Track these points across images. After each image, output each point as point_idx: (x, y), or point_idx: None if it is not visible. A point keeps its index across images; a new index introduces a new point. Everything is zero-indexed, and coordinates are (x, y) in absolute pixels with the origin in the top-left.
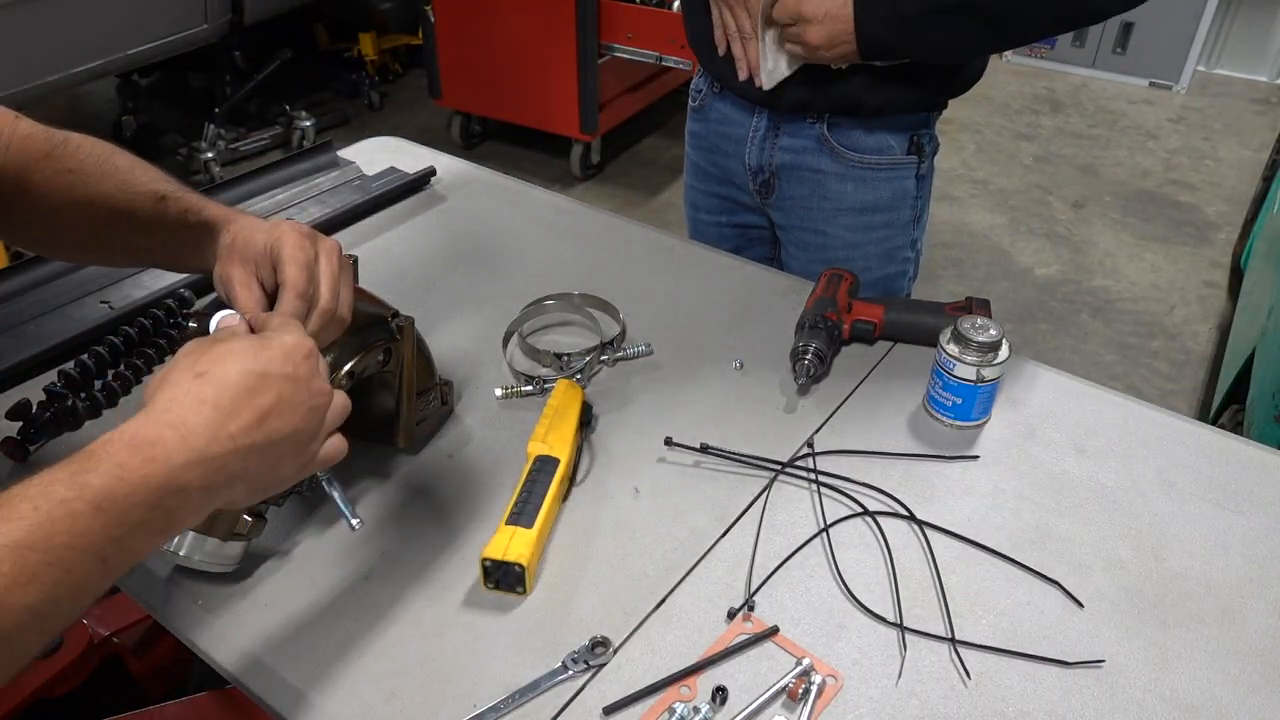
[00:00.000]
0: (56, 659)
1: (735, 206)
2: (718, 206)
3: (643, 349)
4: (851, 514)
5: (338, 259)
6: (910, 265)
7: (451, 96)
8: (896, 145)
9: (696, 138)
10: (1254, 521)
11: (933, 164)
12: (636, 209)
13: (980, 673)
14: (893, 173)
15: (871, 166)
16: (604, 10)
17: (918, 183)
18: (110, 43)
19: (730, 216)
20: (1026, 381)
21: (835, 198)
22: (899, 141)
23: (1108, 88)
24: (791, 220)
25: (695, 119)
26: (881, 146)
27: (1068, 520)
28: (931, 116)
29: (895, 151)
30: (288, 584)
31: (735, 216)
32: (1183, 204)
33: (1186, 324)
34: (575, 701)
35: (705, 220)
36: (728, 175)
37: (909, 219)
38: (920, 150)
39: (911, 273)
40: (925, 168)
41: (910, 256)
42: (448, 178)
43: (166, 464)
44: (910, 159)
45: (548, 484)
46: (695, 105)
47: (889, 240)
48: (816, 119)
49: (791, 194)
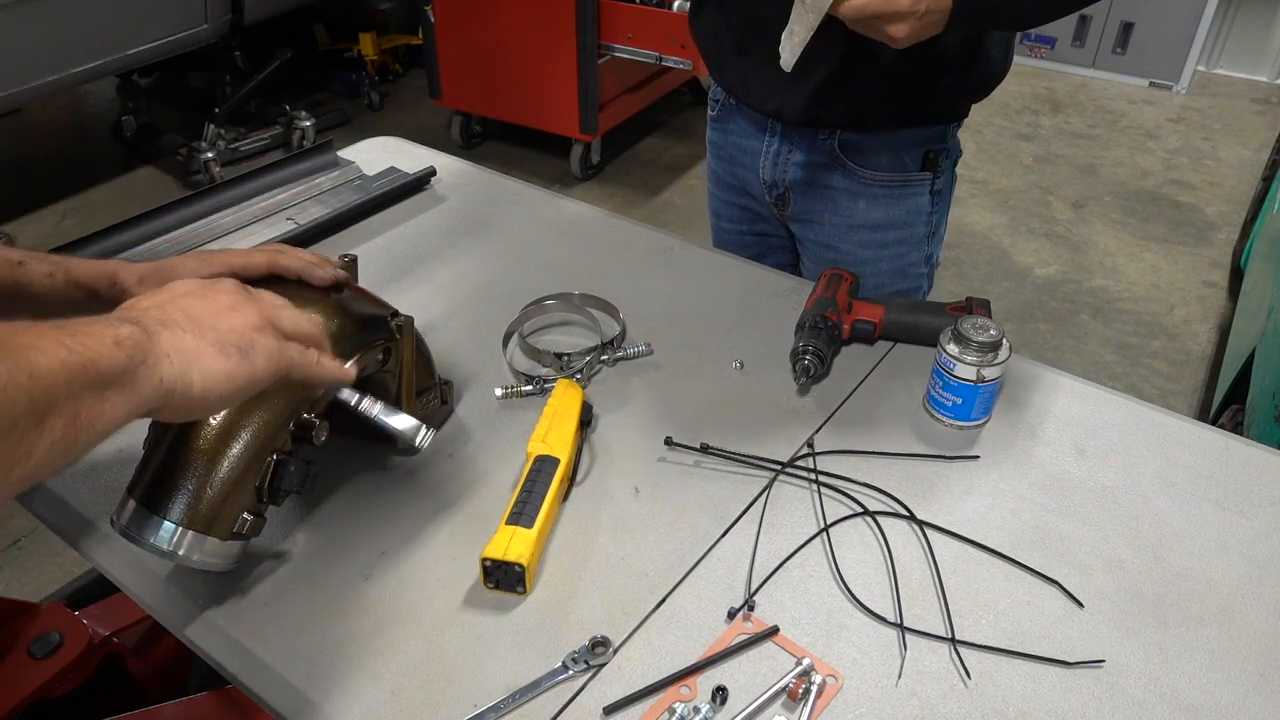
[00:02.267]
0: (56, 659)
1: (755, 216)
2: (738, 215)
3: (643, 349)
4: (851, 514)
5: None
6: (925, 280)
7: (451, 96)
8: (910, 162)
9: (716, 147)
10: (1254, 521)
11: (953, 175)
12: (636, 209)
13: (980, 673)
14: (906, 190)
15: (883, 184)
16: (604, 10)
17: (932, 199)
18: (110, 43)
19: (751, 225)
20: (1026, 381)
21: (847, 214)
22: (912, 158)
23: (1108, 88)
24: (806, 234)
25: (714, 128)
26: (894, 163)
27: (1068, 520)
28: (948, 130)
29: (909, 168)
30: (288, 584)
31: (756, 225)
32: (1183, 204)
33: (1186, 324)
34: (575, 701)
35: (727, 228)
36: (745, 186)
37: (923, 235)
38: (935, 166)
39: (926, 287)
40: (941, 183)
41: (924, 272)
42: (448, 178)
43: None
44: (924, 176)
45: (548, 484)
46: (714, 115)
47: (902, 257)
48: (828, 134)
49: (805, 208)
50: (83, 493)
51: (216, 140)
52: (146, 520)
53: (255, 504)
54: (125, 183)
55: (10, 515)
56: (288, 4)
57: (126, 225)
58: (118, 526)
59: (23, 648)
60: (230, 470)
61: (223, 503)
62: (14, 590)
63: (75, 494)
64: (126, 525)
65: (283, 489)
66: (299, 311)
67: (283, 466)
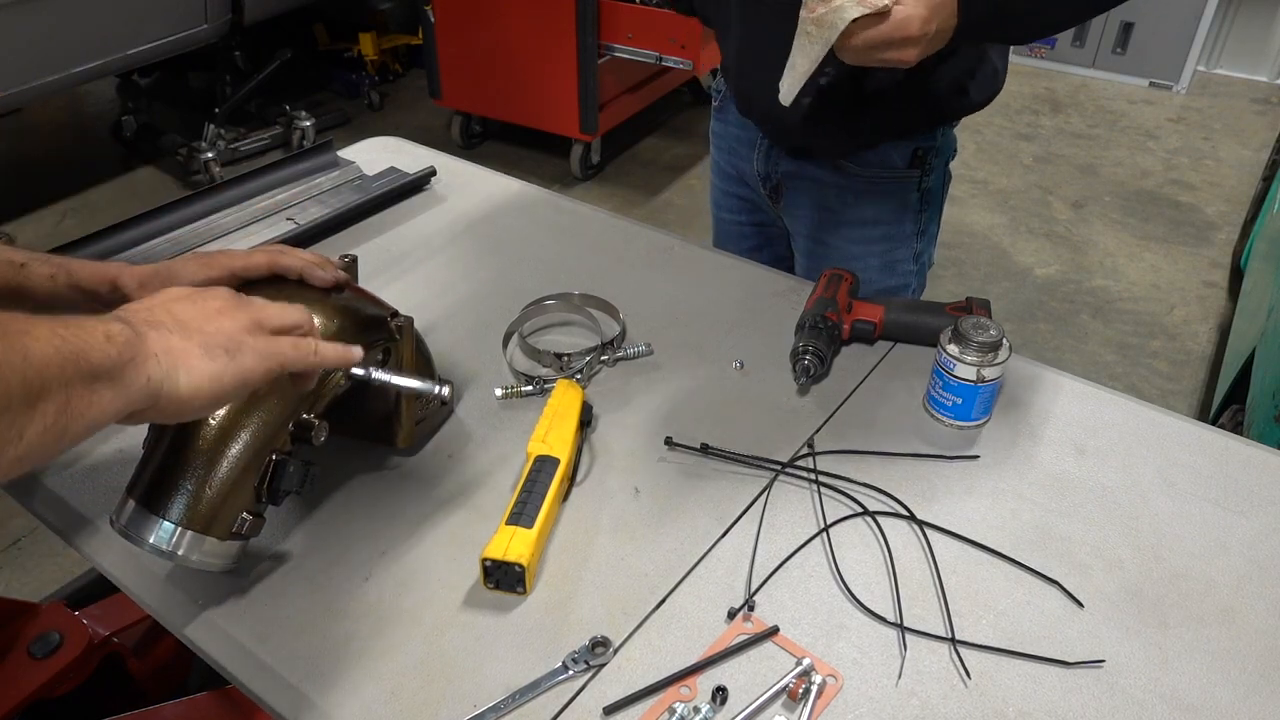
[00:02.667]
0: (56, 659)
1: (753, 207)
2: (737, 206)
3: (643, 349)
4: (851, 514)
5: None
6: (913, 278)
7: (451, 96)
8: (898, 158)
9: (717, 137)
10: (1254, 521)
11: (946, 172)
12: (636, 209)
13: (980, 673)
14: (893, 186)
15: (870, 179)
16: (604, 10)
17: (920, 196)
18: (110, 43)
19: (750, 216)
20: (1026, 381)
21: (836, 209)
22: (900, 155)
23: (1108, 88)
24: (798, 227)
25: (716, 118)
26: (882, 160)
27: (1068, 520)
28: (940, 129)
29: (895, 165)
30: (288, 584)
31: (754, 216)
32: (1183, 204)
33: (1186, 324)
34: (575, 701)
35: (727, 219)
36: (743, 177)
37: (911, 233)
38: (924, 164)
39: (915, 285)
40: (931, 181)
41: (913, 270)
42: (448, 178)
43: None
44: (912, 173)
45: (548, 484)
46: (716, 105)
47: (889, 253)
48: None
49: (797, 202)
50: (83, 493)
51: (216, 140)
52: (146, 520)
53: (254, 504)
54: (125, 183)
55: (10, 515)
56: (288, 4)
57: (126, 225)
58: (117, 526)
59: (23, 648)
60: (229, 470)
61: (222, 503)
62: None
63: (75, 494)
64: (126, 525)
65: (282, 489)
66: (282, 304)
67: (282, 467)
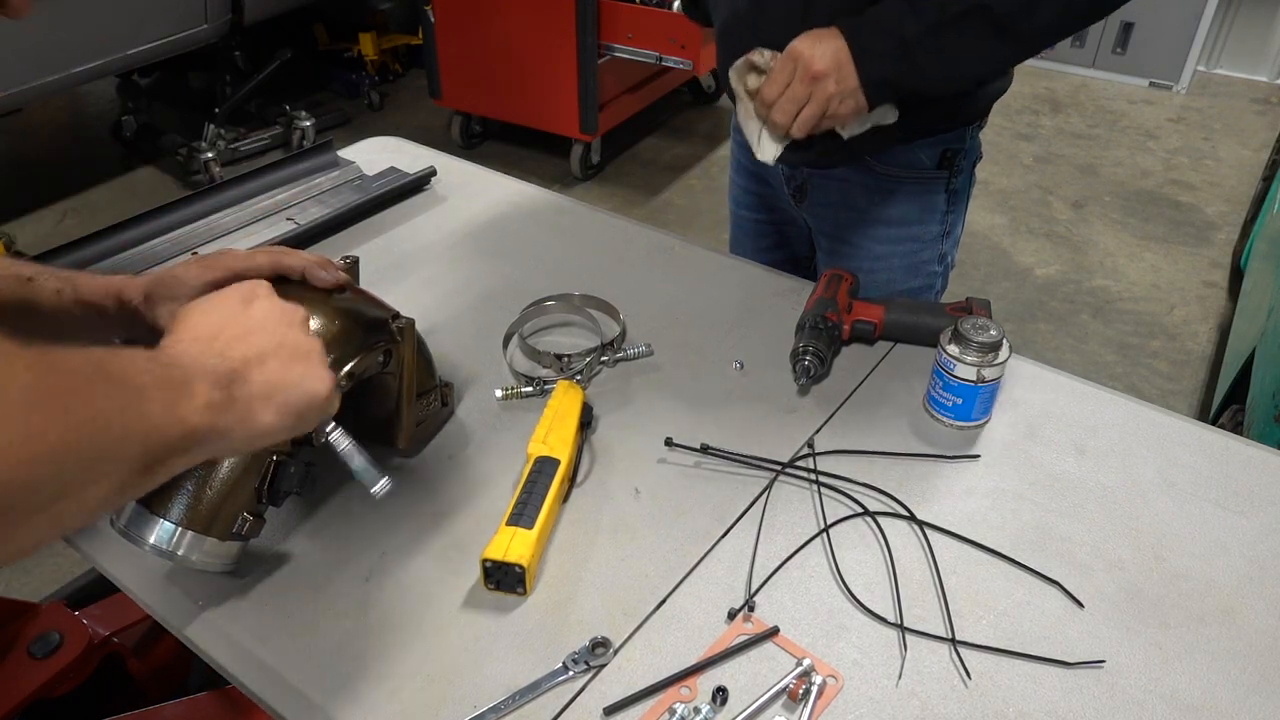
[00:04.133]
0: (56, 659)
1: (773, 205)
2: (756, 203)
3: (643, 349)
4: (852, 514)
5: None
6: (938, 279)
7: (451, 96)
8: (926, 159)
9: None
10: (1254, 521)
11: (972, 175)
12: (636, 209)
13: (980, 673)
14: (920, 186)
15: (898, 179)
16: (604, 10)
17: (948, 197)
18: (110, 43)
19: (769, 214)
20: (1026, 381)
21: (862, 208)
22: (929, 155)
23: (1108, 88)
24: (822, 226)
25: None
26: (910, 160)
27: (1068, 520)
28: (968, 131)
29: (924, 165)
30: (288, 584)
31: (774, 214)
32: (1183, 204)
33: (1186, 324)
34: (575, 702)
35: (745, 216)
36: (765, 174)
37: (937, 234)
38: (952, 165)
39: (939, 286)
40: (959, 182)
41: (938, 271)
42: (448, 178)
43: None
44: (940, 174)
45: (548, 485)
46: None
47: (915, 254)
48: None
49: (822, 200)
50: None
51: (216, 140)
52: (146, 520)
53: (255, 505)
54: (125, 183)
55: None
56: (288, 4)
57: (126, 225)
58: (117, 526)
59: (23, 648)
60: (230, 471)
61: (222, 503)
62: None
63: None
64: (126, 525)
65: (282, 490)
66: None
67: (282, 468)
